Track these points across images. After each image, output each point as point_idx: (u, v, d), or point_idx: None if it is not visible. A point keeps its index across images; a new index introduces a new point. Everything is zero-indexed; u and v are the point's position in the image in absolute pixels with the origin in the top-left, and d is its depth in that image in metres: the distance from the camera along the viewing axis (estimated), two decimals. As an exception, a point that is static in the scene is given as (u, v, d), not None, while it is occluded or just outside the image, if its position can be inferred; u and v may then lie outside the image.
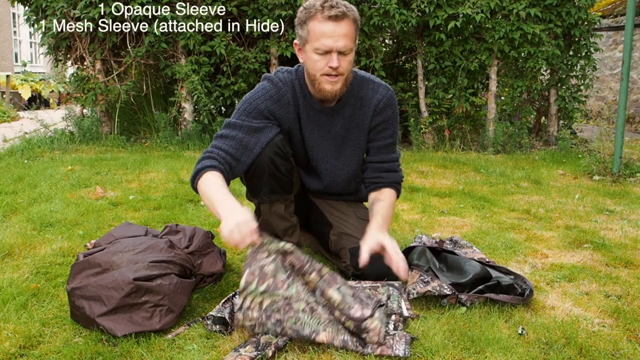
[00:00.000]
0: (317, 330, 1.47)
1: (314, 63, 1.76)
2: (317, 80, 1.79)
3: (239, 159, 1.81)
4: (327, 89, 1.79)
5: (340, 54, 1.73)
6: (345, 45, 1.72)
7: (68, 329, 1.58)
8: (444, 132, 5.61)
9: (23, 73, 11.52)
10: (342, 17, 1.71)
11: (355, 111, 1.92)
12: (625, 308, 1.77)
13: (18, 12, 13.46)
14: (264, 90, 1.87)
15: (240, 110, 1.85)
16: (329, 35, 1.70)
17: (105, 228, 2.56)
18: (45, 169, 4.01)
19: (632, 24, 3.83)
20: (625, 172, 4.05)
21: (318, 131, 1.94)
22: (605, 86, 8.65)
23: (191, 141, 5.37)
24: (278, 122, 1.88)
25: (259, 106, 1.84)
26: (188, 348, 1.49)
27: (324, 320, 1.49)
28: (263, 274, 1.49)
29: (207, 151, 1.80)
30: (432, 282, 1.78)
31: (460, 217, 2.95)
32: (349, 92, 1.90)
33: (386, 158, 1.98)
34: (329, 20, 1.70)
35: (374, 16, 5.32)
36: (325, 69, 1.75)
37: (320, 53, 1.73)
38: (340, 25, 1.71)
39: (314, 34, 1.73)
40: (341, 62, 1.74)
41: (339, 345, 1.46)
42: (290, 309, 1.48)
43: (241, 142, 1.80)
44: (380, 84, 1.95)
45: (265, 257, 1.52)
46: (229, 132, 1.82)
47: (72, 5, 5.24)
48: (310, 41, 1.75)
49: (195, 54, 5.42)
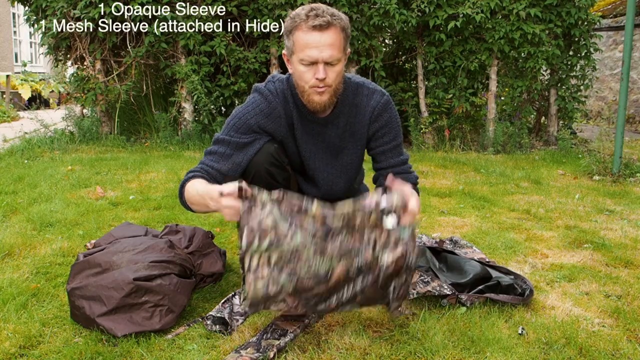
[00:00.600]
0: (332, 266, 1.42)
1: (301, 75, 1.70)
2: (305, 92, 1.74)
3: (226, 174, 1.76)
4: (315, 100, 1.73)
5: (327, 64, 1.67)
6: (331, 56, 1.65)
7: (68, 329, 1.58)
8: (444, 132, 5.61)
9: (23, 73, 11.52)
10: (327, 26, 1.64)
11: (350, 119, 1.86)
12: (625, 308, 1.77)
13: (18, 12, 13.45)
14: (254, 105, 1.81)
15: (230, 125, 1.81)
16: (313, 46, 1.64)
17: (105, 228, 2.56)
18: (45, 169, 4.01)
19: (632, 24, 3.83)
20: (625, 172, 4.05)
21: (313, 141, 1.89)
22: (605, 86, 8.65)
23: (191, 141, 5.37)
24: (269, 135, 1.84)
25: (248, 121, 1.79)
26: (188, 348, 1.49)
27: (336, 255, 1.44)
28: (262, 229, 1.42)
29: (192, 170, 1.76)
30: (432, 282, 1.78)
31: (460, 217, 2.95)
32: (344, 100, 1.84)
33: (394, 162, 1.92)
34: (314, 30, 1.64)
35: (374, 16, 5.32)
36: (312, 81, 1.69)
37: (306, 64, 1.67)
38: (325, 35, 1.64)
39: (299, 45, 1.67)
40: (328, 73, 1.68)
41: (354, 273, 1.43)
42: (299, 258, 1.42)
43: (229, 157, 1.77)
44: (374, 90, 1.88)
45: (260, 211, 1.44)
46: (217, 149, 1.78)
47: (72, 5, 5.24)
48: (295, 52, 1.69)
49: (195, 54, 5.42)
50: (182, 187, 1.68)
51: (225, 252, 2.07)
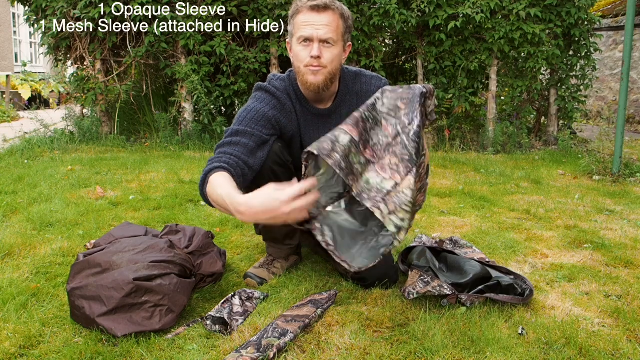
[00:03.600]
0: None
1: (297, 54, 1.75)
2: (301, 72, 1.77)
3: (252, 167, 1.71)
4: (309, 80, 1.75)
5: (323, 44, 1.71)
6: (327, 34, 1.70)
7: (68, 329, 1.58)
8: (444, 132, 5.61)
9: (23, 73, 11.50)
10: (325, 8, 1.71)
11: (352, 108, 1.88)
12: (625, 308, 1.77)
13: (18, 12, 13.46)
14: (266, 100, 1.82)
15: (247, 118, 1.76)
16: (310, 24, 1.70)
17: (105, 228, 2.56)
18: (45, 169, 4.01)
19: (632, 24, 3.83)
20: (625, 172, 4.05)
21: (318, 135, 1.87)
22: (605, 86, 8.64)
23: (191, 141, 5.37)
24: (282, 131, 1.84)
25: (267, 114, 1.78)
26: (188, 348, 1.49)
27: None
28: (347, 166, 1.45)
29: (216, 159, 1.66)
30: (432, 282, 1.78)
31: (460, 217, 2.95)
32: (344, 89, 1.87)
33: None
34: (312, 10, 1.71)
35: (374, 16, 5.32)
36: (308, 60, 1.72)
37: (303, 42, 1.72)
38: (322, 15, 1.71)
39: (297, 25, 1.73)
40: (323, 53, 1.71)
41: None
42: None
43: (254, 151, 1.72)
44: (372, 76, 1.92)
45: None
46: (240, 140, 1.71)
47: (72, 5, 5.24)
48: (294, 34, 1.75)
49: (195, 54, 5.42)
50: (205, 178, 1.60)
51: (225, 252, 2.07)
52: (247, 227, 2.62)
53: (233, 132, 1.74)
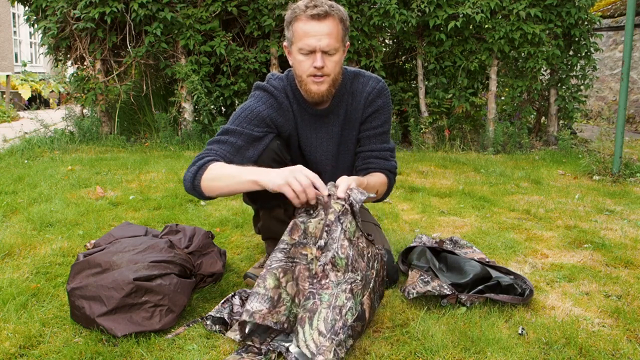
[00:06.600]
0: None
1: (300, 64, 1.73)
2: (303, 82, 1.76)
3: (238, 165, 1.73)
4: (313, 90, 1.75)
5: (325, 53, 1.70)
6: (329, 44, 1.69)
7: (68, 329, 1.58)
8: (444, 132, 5.61)
9: (23, 73, 11.51)
10: (325, 16, 1.68)
11: (348, 107, 1.88)
12: (625, 308, 1.77)
13: (18, 12, 13.46)
14: (263, 99, 1.82)
15: (241, 117, 1.78)
16: (311, 35, 1.68)
17: (105, 228, 2.56)
18: (45, 169, 4.01)
19: (632, 24, 3.83)
20: (625, 172, 4.04)
21: (315, 135, 1.91)
22: (605, 86, 8.65)
23: (191, 141, 5.37)
24: (278, 130, 1.84)
25: (261, 113, 1.79)
26: (188, 348, 1.49)
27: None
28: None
29: (205, 155, 1.72)
30: (432, 282, 1.78)
31: (460, 217, 2.95)
32: (342, 89, 1.86)
33: (376, 147, 1.91)
34: (312, 19, 1.68)
35: (374, 16, 5.32)
36: (311, 70, 1.71)
37: (305, 53, 1.70)
38: (323, 25, 1.68)
39: (298, 34, 1.71)
40: (326, 63, 1.71)
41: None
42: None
43: (239, 149, 1.74)
44: (370, 77, 1.91)
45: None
46: (228, 139, 1.75)
47: (72, 5, 5.24)
48: (295, 42, 1.72)
49: (195, 54, 5.42)
50: (197, 169, 1.66)
51: (225, 252, 2.07)
52: (247, 227, 2.62)
53: (224, 131, 1.78)
